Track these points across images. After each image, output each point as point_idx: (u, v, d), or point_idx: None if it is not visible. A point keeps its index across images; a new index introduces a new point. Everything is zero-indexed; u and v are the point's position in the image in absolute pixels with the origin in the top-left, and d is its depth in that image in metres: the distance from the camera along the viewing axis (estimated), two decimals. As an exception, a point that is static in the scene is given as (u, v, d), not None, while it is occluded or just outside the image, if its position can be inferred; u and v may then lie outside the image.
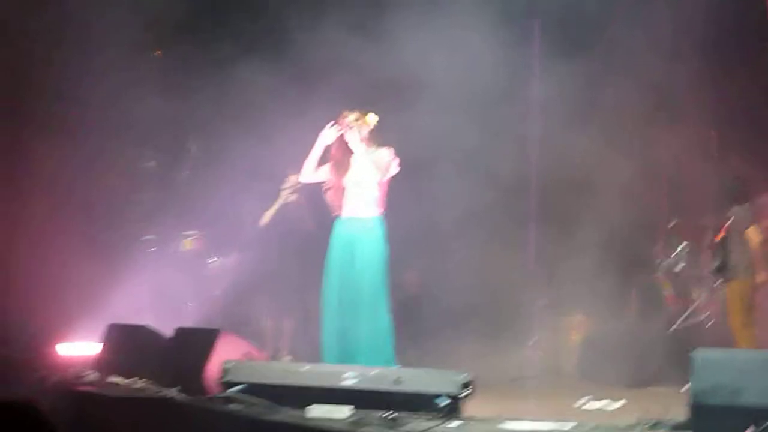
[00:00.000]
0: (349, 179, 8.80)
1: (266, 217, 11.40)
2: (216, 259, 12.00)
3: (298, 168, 9.79)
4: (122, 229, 12.14)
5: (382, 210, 8.75)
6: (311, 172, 8.94)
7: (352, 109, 8.84)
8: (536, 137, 11.49)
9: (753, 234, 10.03)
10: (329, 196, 8.90)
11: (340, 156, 8.83)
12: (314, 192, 9.59)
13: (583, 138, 11.02)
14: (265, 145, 11.40)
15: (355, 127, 8.69)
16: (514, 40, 11.20)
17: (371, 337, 8.43)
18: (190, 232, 11.99)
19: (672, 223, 12.00)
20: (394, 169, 8.79)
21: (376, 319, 8.52)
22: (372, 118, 8.80)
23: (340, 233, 8.77)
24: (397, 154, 8.83)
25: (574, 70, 10.86)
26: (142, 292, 11.32)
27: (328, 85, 10.96)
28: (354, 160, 8.77)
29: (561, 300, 12.20)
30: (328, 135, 8.78)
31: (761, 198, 10.69)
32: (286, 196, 11.34)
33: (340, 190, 8.82)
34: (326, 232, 8.99)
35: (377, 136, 8.83)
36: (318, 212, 10.91)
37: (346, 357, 8.35)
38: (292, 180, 11.21)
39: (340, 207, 8.82)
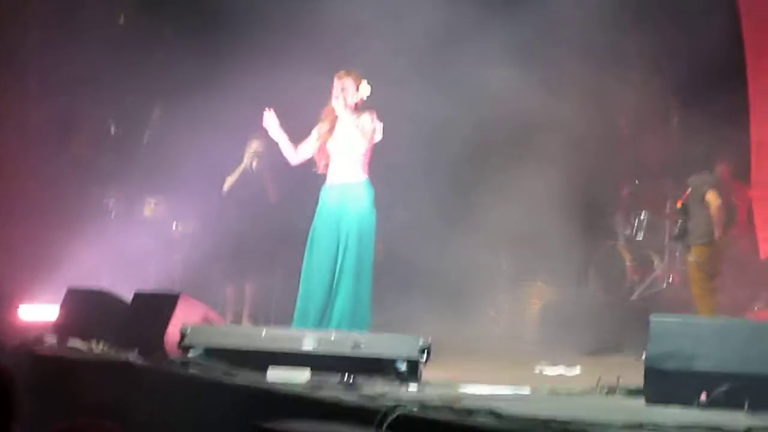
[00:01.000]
0: (335, 145, 8.72)
1: (227, 183, 11.38)
2: (177, 224, 11.97)
3: (261, 132, 9.79)
4: (84, 193, 12.10)
5: (367, 174, 8.68)
6: (293, 154, 8.83)
7: (348, 71, 8.75)
8: (489, 100, 11.45)
9: (712, 198, 10.09)
10: (315, 158, 8.85)
11: (326, 120, 8.81)
12: (276, 161, 9.58)
13: (539, 103, 11.05)
14: (229, 110, 11.40)
15: (341, 94, 8.64)
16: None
17: (353, 303, 8.40)
18: (152, 198, 11.96)
19: (628, 191, 12.08)
20: (379, 134, 8.69)
21: (360, 286, 8.48)
22: (365, 89, 8.67)
23: (327, 200, 8.68)
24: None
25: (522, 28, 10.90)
26: (103, 256, 11.31)
27: (291, 50, 10.96)
28: (339, 126, 8.70)
29: (522, 267, 12.31)
30: (269, 121, 8.70)
31: (720, 165, 10.78)
32: (248, 161, 11.32)
33: (326, 155, 8.78)
34: (289, 202, 8.97)
35: (363, 104, 8.80)
36: (280, 181, 11.02)
37: (325, 321, 8.35)
38: (253, 145, 11.21)
39: (325, 168, 8.79)
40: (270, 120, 8.72)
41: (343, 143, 8.67)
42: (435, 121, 11.39)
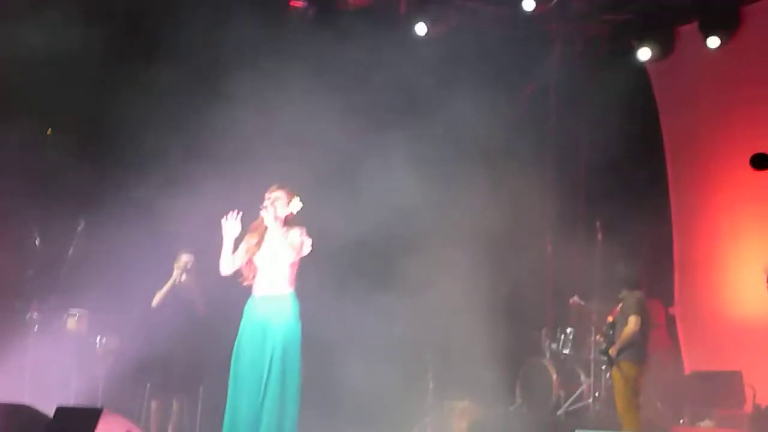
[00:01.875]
0: (261, 257, 8.77)
1: (157, 298, 11.35)
2: (101, 339, 11.84)
3: (191, 246, 9.78)
4: (6, 307, 11.95)
5: (293, 287, 8.73)
6: (229, 264, 8.80)
7: (280, 185, 8.85)
8: (407, 214, 11.56)
9: (632, 322, 10.25)
10: (243, 269, 8.86)
11: (255, 233, 8.84)
12: (205, 273, 9.56)
13: (463, 216, 11.19)
14: (157, 223, 11.40)
15: (272, 206, 8.69)
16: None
17: (279, 419, 8.41)
18: (75, 311, 11.84)
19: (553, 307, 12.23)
20: (307, 248, 8.76)
21: (282, 401, 8.48)
22: (296, 204, 8.76)
23: (253, 312, 8.70)
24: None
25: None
26: (24, 370, 11.14)
27: (223, 163, 11.03)
28: (267, 239, 8.76)
29: (448, 385, 12.29)
30: (232, 227, 8.77)
31: (649, 285, 10.97)
32: (176, 276, 11.30)
33: (253, 267, 8.79)
34: (218, 315, 8.95)
35: (294, 219, 8.84)
36: (208, 294, 10.98)
37: None
38: (183, 259, 11.23)
39: (251, 280, 8.80)
40: (231, 226, 8.72)
41: (271, 256, 8.73)
42: (351, 236, 11.47)
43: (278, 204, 8.73)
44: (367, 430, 10.95)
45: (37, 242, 12.05)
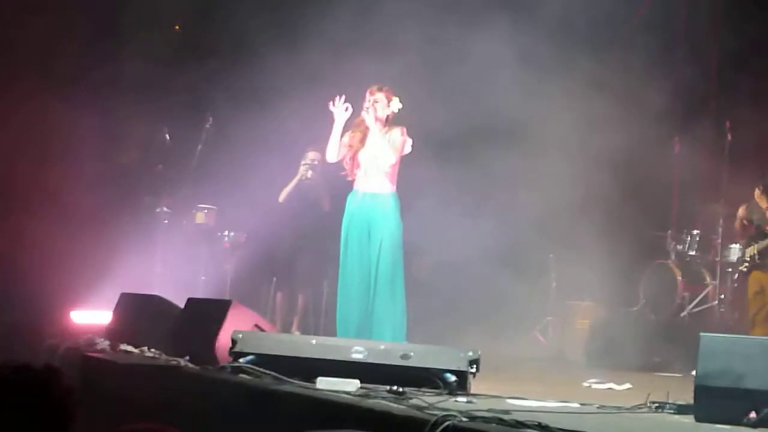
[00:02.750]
0: (365, 155, 8.88)
1: (283, 194, 11.53)
2: (229, 233, 12.06)
3: (316, 144, 9.88)
4: (137, 202, 12.25)
5: (395, 187, 8.85)
6: (335, 151, 8.97)
7: (380, 87, 8.91)
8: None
9: None
10: (346, 164, 8.98)
11: (357, 130, 8.93)
12: (331, 173, 9.67)
13: (595, 121, 11.06)
14: (280, 121, 11.52)
15: (372, 107, 8.77)
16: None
17: (386, 314, 8.58)
18: (204, 206, 12.07)
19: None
20: (408, 148, 8.90)
21: (393, 297, 8.66)
22: (396, 104, 8.87)
23: (355, 208, 8.87)
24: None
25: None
26: (155, 263, 11.45)
27: (340, 63, 11.07)
28: (370, 137, 8.85)
29: (570, 286, 12.28)
30: (340, 112, 8.86)
31: None
32: (303, 172, 11.44)
33: (356, 162, 8.92)
34: (341, 212, 9.07)
35: (394, 118, 8.93)
36: (334, 192, 11.09)
37: (363, 332, 8.48)
38: (310, 156, 11.36)
39: (354, 175, 8.93)
40: (341, 111, 8.82)
41: (373, 155, 8.83)
42: (457, 133, 11.45)
43: (378, 106, 8.81)
44: (488, 330, 11.00)
45: (167, 138, 12.29)
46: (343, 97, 8.81)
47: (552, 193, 11.36)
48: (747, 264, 10.83)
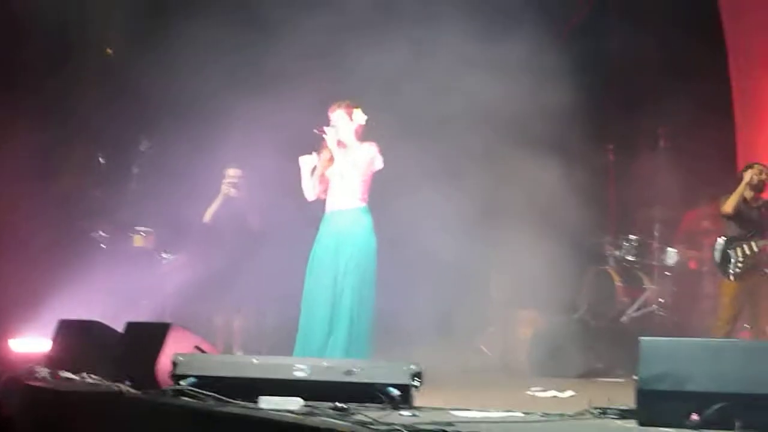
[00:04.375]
0: (333, 172, 8.87)
1: (208, 214, 11.50)
2: (167, 255, 11.98)
3: (237, 162, 9.87)
4: (73, 226, 12.13)
5: (365, 201, 8.85)
6: (310, 190, 8.97)
7: (340, 103, 8.93)
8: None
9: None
10: (320, 184, 8.98)
11: (326, 149, 8.93)
12: (257, 188, 9.64)
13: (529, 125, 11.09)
14: (218, 141, 11.48)
15: (334, 127, 8.75)
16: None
17: (354, 333, 8.56)
18: (141, 228, 11.98)
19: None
20: (379, 164, 8.89)
21: (360, 315, 8.63)
22: (359, 116, 8.89)
23: (323, 228, 8.85)
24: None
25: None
26: (94, 288, 11.31)
27: (282, 84, 11.04)
28: (337, 156, 8.85)
29: (511, 294, 12.30)
30: (308, 161, 8.87)
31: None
32: (225, 191, 11.40)
33: (324, 180, 8.93)
34: (281, 231, 9.05)
35: (364, 132, 8.94)
36: (262, 210, 11.07)
37: (328, 348, 8.48)
38: (230, 173, 11.36)
39: (323, 195, 8.94)
40: (309, 159, 8.91)
41: (339, 173, 8.82)
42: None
43: (340, 124, 8.81)
44: (429, 341, 11.00)
45: (101, 161, 12.19)
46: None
47: (488, 199, 11.37)
48: (741, 264, 10.42)
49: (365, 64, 10.39)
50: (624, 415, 6.27)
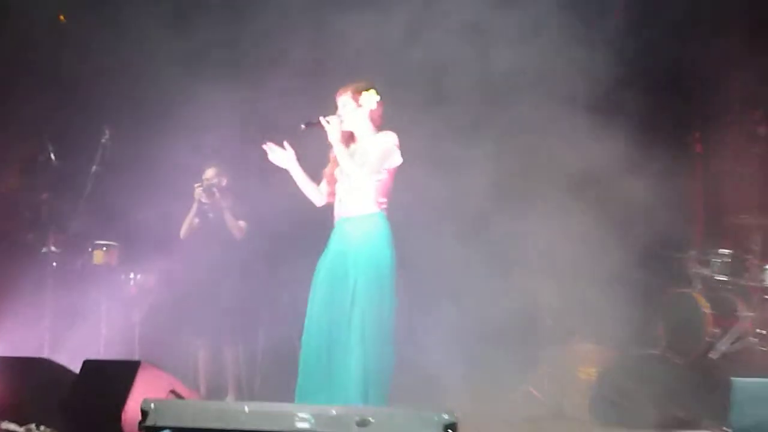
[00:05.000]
0: (340, 171, 8.91)
1: (184, 227, 11.55)
2: (135, 275, 12.00)
3: (219, 159, 9.93)
4: (17, 238, 12.17)
5: (383, 205, 8.82)
6: (315, 195, 9.04)
7: (347, 86, 8.93)
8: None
9: None
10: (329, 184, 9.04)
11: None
12: (238, 186, 9.68)
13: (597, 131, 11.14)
14: (195, 136, 11.53)
15: (336, 117, 8.75)
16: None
17: (369, 372, 8.47)
18: (102, 242, 12.01)
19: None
20: (396, 159, 8.84)
21: (376, 348, 8.54)
22: (368, 99, 8.86)
23: (334, 238, 8.86)
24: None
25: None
26: (43, 316, 11.36)
27: (262, 76, 11.13)
28: (338, 149, 8.82)
29: (569, 325, 12.28)
30: (284, 159, 8.89)
31: None
32: (197, 196, 11.44)
33: (333, 180, 8.96)
34: (259, 238, 9.05)
35: (381, 118, 8.96)
36: (247, 214, 11.10)
37: (335, 396, 8.43)
38: (207, 174, 11.37)
39: (332, 198, 8.98)
40: (281, 156, 8.87)
41: (349, 168, 8.79)
42: (457, 152, 11.50)
43: (345, 110, 8.83)
44: (465, 382, 11.02)
45: (52, 158, 12.21)
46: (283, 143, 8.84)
47: (541, 206, 11.41)
48: None
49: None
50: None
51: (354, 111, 8.87)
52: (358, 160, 8.76)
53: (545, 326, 12.43)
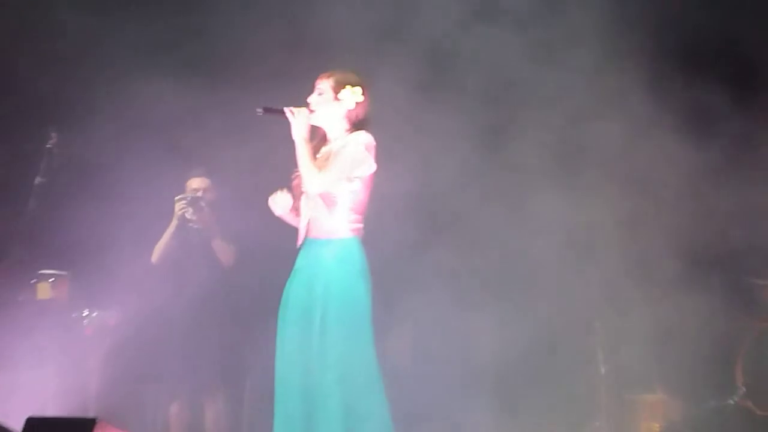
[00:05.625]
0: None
1: (157, 250, 11.59)
2: (90, 312, 12.07)
3: (207, 167, 10.06)
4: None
5: (357, 224, 8.89)
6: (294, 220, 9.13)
7: (331, 72, 9.02)
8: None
9: None
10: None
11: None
12: (229, 206, 9.80)
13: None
14: (164, 136, 11.64)
15: (299, 114, 8.82)
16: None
17: (350, 413, 8.55)
18: (49, 272, 12.09)
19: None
20: (368, 167, 8.85)
21: (360, 401, 8.61)
22: (349, 94, 8.87)
23: (297, 264, 8.96)
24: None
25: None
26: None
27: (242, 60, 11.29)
28: (301, 150, 8.85)
29: (629, 371, 12.36)
30: (281, 202, 9.06)
31: None
32: (179, 211, 11.49)
33: (299, 193, 9.04)
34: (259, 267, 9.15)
35: (357, 119, 9.00)
36: (237, 239, 11.21)
37: None
38: (192, 185, 11.40)
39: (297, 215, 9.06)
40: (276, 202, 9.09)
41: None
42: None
43: (321, 100, 8.95)
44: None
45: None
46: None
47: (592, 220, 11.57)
48: None
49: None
50: None
51: (329, 103, 8.94)
52: (324, 165, 8.82)
53: (599, 373, 12.55)
